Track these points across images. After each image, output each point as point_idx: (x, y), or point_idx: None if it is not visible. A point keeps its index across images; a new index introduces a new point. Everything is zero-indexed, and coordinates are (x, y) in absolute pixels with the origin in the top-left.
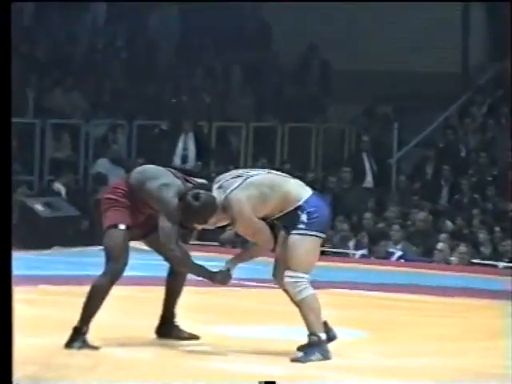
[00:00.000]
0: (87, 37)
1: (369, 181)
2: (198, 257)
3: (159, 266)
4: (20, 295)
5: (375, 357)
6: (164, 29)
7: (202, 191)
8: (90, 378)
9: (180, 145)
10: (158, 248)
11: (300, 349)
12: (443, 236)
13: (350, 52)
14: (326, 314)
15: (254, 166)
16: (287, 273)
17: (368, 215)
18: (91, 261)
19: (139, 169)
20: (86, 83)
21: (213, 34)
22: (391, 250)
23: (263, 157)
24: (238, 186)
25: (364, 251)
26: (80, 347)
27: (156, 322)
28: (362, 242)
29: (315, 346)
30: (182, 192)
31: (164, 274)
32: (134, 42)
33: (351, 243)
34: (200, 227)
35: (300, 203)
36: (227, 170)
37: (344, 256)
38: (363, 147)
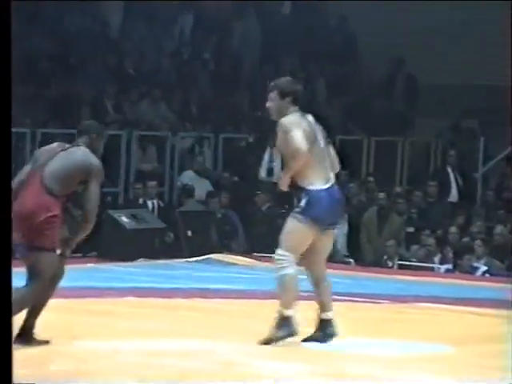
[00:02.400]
0: (174, 49)
1: (454, 195)
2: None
3: (241, 279)
4: (105, 306)
5: (459, 371)
6: (248, 42)
7: None
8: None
9: (266, 158)
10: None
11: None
12: None
13: (436, 66)
14: (409, 328)
15: (337, 179)
16: (277, 250)
17: (453, 229)
18: (176, 274)
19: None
20: (173, 95)
21: (298, 47)
22: (476, 264)
23: (348, 170)
24: None
25: (449, 266)
26: None
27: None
28: (447, 256)
29: (283, 322)
30: None
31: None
32: (220, 54)
33: (437, 258)
34: None
35: (310, 187)
36: None
37: (429, 270)
38: (449, 161)
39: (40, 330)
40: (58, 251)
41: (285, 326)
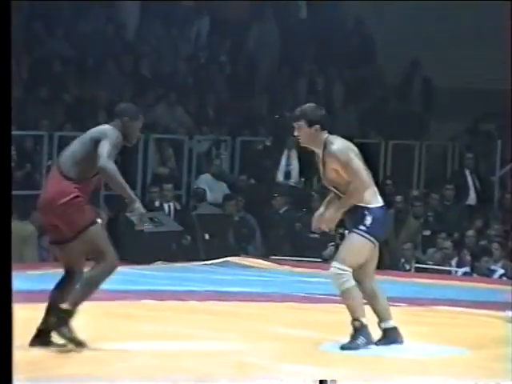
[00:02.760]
0: (191, 52)
1: (472, 198)
2: (301, 273)
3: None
4: (122, 309)
5: (477, 374)
6: (265, 45)
7: None
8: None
9: (283, 161)
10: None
11: None
12: None
13: (453, 69)
14: (426, 331)
15: None
16: (335, 264)
17: (471, 233)
18: (193, 276)
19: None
20: (189, 98)
21: (315, 49)
22: (493, 267)
23: None
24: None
25: (466, 269)
26: None
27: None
28: (464, 259)
29: (359, 331)
30: None
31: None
32: (237, 57)
33: (454, 261)
34: None
35: (371, 206)
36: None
37: (446, 273)
38: (467, 164)
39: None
40: (99, 220)
41: (364, 334)
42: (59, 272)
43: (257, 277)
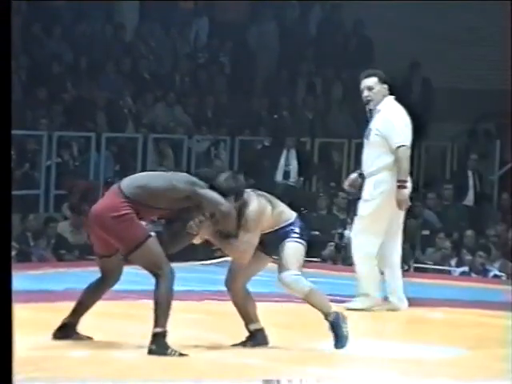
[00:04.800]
0: (190, 52)
1: (470, 198)
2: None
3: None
4: (121, 309)
5: (476, 375)
6: (265, 45)
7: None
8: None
9: (282, 161)
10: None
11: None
12: None
13: (452, 69)
14: (424, 331)
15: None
16: (288, 272)
17: (469, 233)
18: (191, 276)
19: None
20: (188, 98)
21: (314, 51)
22: (489, 267)
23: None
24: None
25: (465, 268)
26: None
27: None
28: (463, 259)
29: (337, 321)
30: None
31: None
32: (236, 58)
33: (453, 261)
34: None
35: (291, 221)
36: (329, 186)
37: (445, 273)
38: (470, 165)
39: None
40: (152, 233)
41: (343, 321)
42: (59, 272)
43: (255, 277)
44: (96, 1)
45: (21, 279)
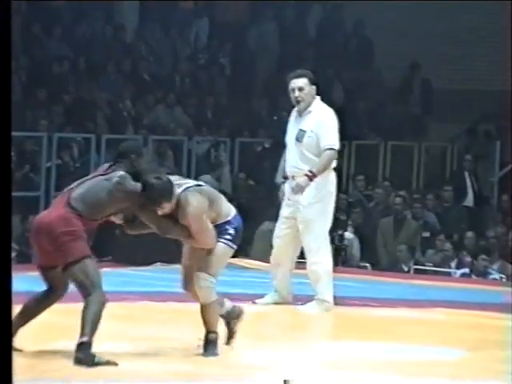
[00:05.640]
0: (190, 53)
1: (470, 200)
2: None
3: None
4: (121, 311)
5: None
6: (264, 46)
7: (162, 175)
8: None
9: (282, 162)
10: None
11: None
12: None
13: (452, 69)
14: (425, 332)
15: (354, 184)
16: (204, 276)
17: (469, 234)
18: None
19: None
20: (189, 100)
21: (314, 51)
22: (489, 270)
23: (365, 174)
24: (192, 186)
25: (465, 270)
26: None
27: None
28: (463, 261)
29: (214, 342)
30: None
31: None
32: (236, 59)
33: (453, 263)
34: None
35: (229, 218)
36: None
37: (446, 275)
38: (466, 166)
39: (57, 333)
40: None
41: (216, 345)
42: None
43: (256, 278)
44: (96, 1)
45: (21, 280)
